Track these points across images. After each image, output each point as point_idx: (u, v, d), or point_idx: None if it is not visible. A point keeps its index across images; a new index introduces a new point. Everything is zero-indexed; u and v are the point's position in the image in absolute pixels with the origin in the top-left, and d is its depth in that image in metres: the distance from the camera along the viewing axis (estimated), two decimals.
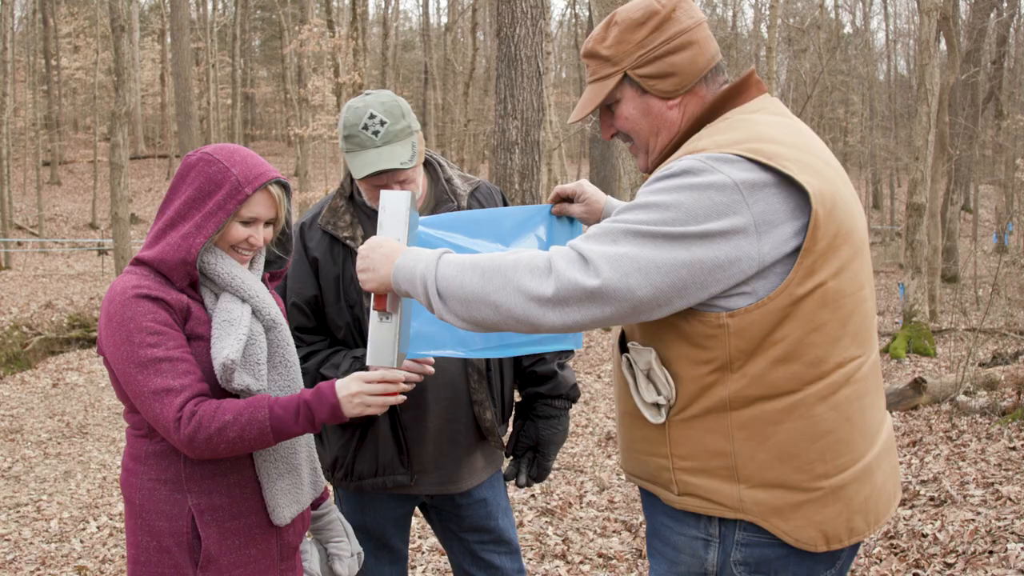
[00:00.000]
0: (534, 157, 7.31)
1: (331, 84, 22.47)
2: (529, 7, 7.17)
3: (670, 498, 1.81)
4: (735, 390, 1.69)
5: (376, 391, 2.00)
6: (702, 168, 1.64)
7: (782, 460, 1.69)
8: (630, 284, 1.58)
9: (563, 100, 34.26)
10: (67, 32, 38.83)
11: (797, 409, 1.68)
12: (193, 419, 1.91)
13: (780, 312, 1.65)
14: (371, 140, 2.37)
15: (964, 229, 27.55)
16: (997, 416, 7.01)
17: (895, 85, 39.13)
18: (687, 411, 1.74)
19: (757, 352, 1.67)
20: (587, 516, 5.51)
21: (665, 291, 1.60)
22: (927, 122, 12.60)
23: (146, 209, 33.09)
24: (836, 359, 1.69)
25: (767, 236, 1.62)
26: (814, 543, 1.72)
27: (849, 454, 1.72)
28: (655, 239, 1.60)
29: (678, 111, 1.87)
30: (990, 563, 4.08)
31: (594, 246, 1.62)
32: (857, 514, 1.74)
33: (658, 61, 1.83)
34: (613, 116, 1.93)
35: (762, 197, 1.62)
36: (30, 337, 14.91)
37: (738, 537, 1.74)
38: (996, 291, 11.57)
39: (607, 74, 1.88)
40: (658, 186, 1.66)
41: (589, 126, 19.75)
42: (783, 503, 1.70)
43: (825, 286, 1.66)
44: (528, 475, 2.72)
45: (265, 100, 50.43)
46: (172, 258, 2.02)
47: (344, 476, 2.61)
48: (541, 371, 2.71)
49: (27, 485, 7.66)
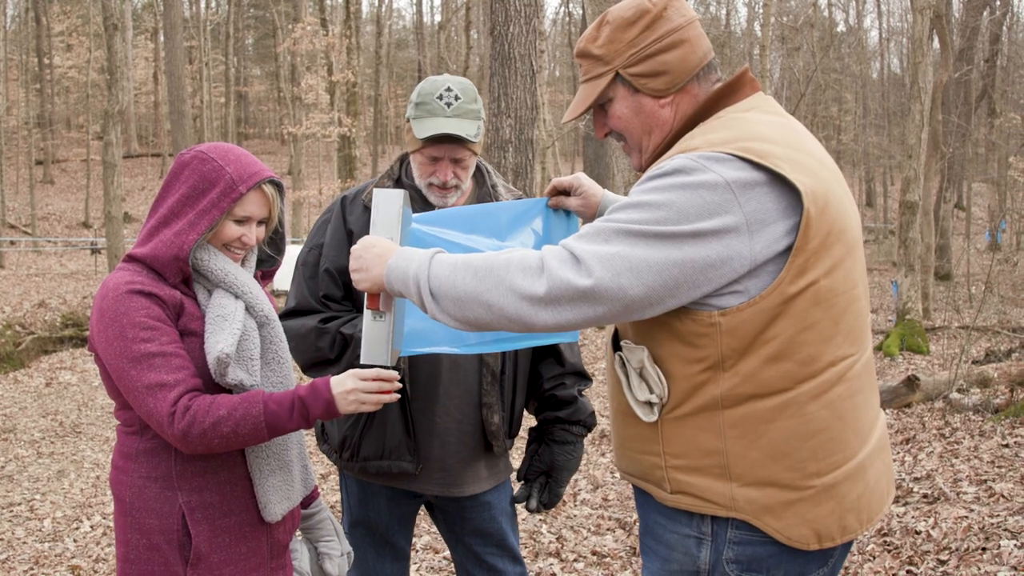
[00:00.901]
0: (528, 155, 7.31)
1: (324, 82, 22.43)
2: (523, 5, 7.16)
3: (663, 496, 1.81)
4: (727, 388, 1.69)
5: (371, 388, 2.01)
6: (694, 167, 1.64)
7: (774, 458, 1.69)
8: (622, 283, 1.59)
9: (557, 98, 34.27)
10: (60, 30, 38.69)
11: (789, 407, 1.68)
12: (187, 414, 1.91)
13: (772, 311, 1.65)
14: (443, 110, 2.46)
15: (957, 227, 27.61)
16: (990, 413, 7.03)
17: (888, 83, 39.22)
18: (679, 409, 1.74)
19: (749, 351, 1.67)
20: (581, 514, 5.51)
21: (657, 290, 1.60)
22: (920, 120, 12.62)
23: (139, 208, 33.01)
24: (828, 357, 1.69)
25: (759, 235, 1.62)
26: (806, 541, 1.71)
27: (841, 452, 1.72)
28: (647, 238, 1.60)
29: (670, 109, 1.86)
30: (983, 560, 4.09)
31: (586, 245, 1.63)
32: (850, 512, 1.74)
33: (649, 60, 1.83)
34: (606, 115, 1.93)
35: (754, 196, 1.62)
36: (23, 336, 14.87)
37: (730, 535, 1.74)
38: (989, 289, 11.61)
39: (599, 73, 1.88)
40: (650, 185, 1.67)
41: (583, 124, 19.74)
42: (775, 501, 1.70)
43: (817, 285, 1.66)
44: (539, 500, 2.71)
45: (258, 98, 50.36)
46: (165, 254, 2.02)
47: (351, 457, 2.59)
48: (561, 395, 2.70)
49: (20, 484, 7.64)
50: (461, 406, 2.59)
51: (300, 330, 2.50)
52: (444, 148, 2.48)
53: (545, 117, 18.28)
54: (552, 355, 2.75)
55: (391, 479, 2.61)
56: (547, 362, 2.75)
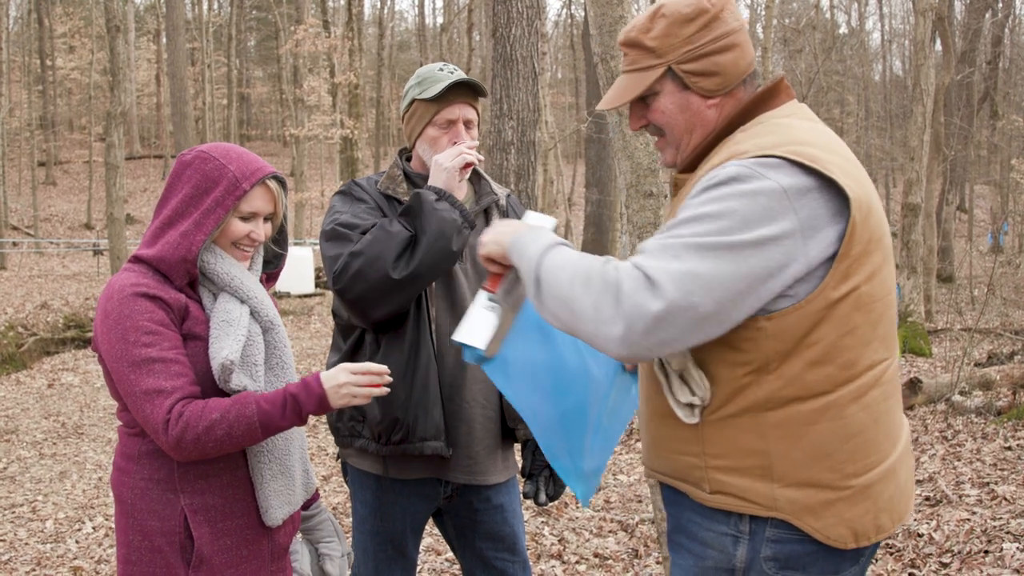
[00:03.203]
0: (530, 157, 7.30)
1: (327, 84, 22.45)
2: (525, 7, 7.16)
3: (701, 496, 1.82)
4: (771, 391, 1.71)
5: (362, 382, 2.01)
6: (749, 174, 1.66)
7: (815, 459, 1.72)
8: (693, 301, 1.59)
9: (559, 100, 34.28)
10: (62, 32, 38.76)
11: (830, 410, 1.71)
12: (180, 420, 1.90)
13: (816, 315, 1.67)
14: (448, 76, 2.59)
15: (959, 229, 27.59)
16: (992, 416, 7.02)
17: (890, 85, 39.21)
18: (721, 411, 1.76)
19: (793, 354, 1.69)
20: (583, 516, 5.51)
21: (726, 305, 1.61)
22: (922, 122, 12.62)
23: (141, 209, 33.04)
24: (867, 361, 1.73)
25: (812, 240, 1.64)
26: (844, 540, 1.74)
27: (876, 454, 1.76)
28: (715, 251, 1.61)
29: (716, 111, 1.87)
30: (985, 563, 4.08)
31: (658, 263, 1.62)
32: (883, 512, 1.77)
33: (704, 59, 1.83)
34: (647, 108, 1.92)
35: (807, 202, 1.64)
36: (25, 338, 14.87)
37: (768, 534, 1.76)
38: (991, 291, 11.60)
39: (648, 65, 1.87)
40: (708, 196, 1.68)
41: (584, 126, 19.75)
42: (815, 501, 1.72)
43: (858, 290, 1.69)
44: (546, 494, 2.73)
45: (261, 100, 50.39)
46: (172, 256, 2.01)
47: (401, 439, 2.50)
48: None
49: (22, 486, 7.64)
50: (485, 391, 2.61)
51: (371, 244, 2.41)
52: (457, 107, 2.58)
53: (547, 119, 18.27)
54: None
55: (422, 466, 2.57)
56: None
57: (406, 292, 2.43)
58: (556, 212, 22.78)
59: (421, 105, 2.62)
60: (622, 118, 3.30)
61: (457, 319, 2.56)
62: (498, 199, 2.74)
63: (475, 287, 2.63)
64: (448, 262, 2.48)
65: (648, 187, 3.29)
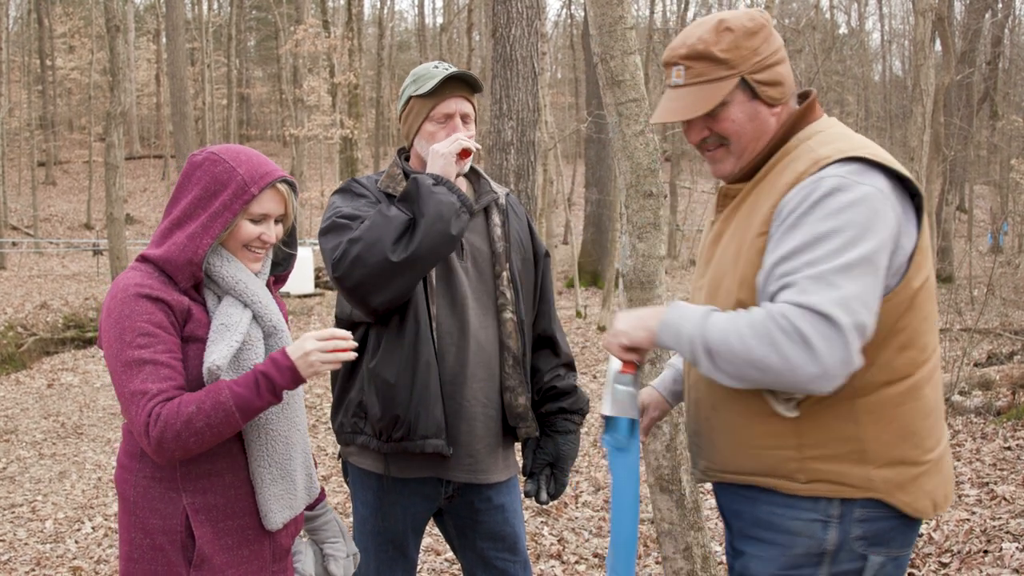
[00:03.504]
0: (530, 157, 7.30)
1: (327, 84, 22.43)
2: (525, 8, 7.15)
3: (792, 487, 1.88)
4: (865, 378, 1.80)
5: (328, 347, 1.99)
6: (847, 183, 1.76)
7: (903, 438, 1.84)
8: (861, 320, 1.70)
9: (559, 100, 34.28)
10: (62, 32, 38.76)
11: (912, 391, 1.84)
12: (159, 421, 1.90)
13: (903, 304, 1.81)
14: (442, 72, 2.59)
15: (959, 229, 27.56)
16: (992, 416, 7.02)
17: (890, 86, 39.23)
18: (820, 403, 1.84)
19: (885, 342, 1.80)
20: (582, 516, 5.51)
21: (875, 313, 1.73)
22: (922, 123, 12.61)
23: (141, 209, 33.05)
24: (933, 344, 1.89)
25: (905, 235, 1.79)
26: (926, 511, 1.87)
27: (941, 429, 1.92)
28: (858, 267, 1.72)
29: (776, 120, 1.96)
30: (985, 562, 4.09)
31: (820, 297, 1.69)
32: (948, 482, 1.94)
33: (769, 69, 1.93)
34: (714, 119, 1.96)
35: (895, 200, 1.78)
36: (25, 338, 14.87)
37: (857, 515, 1.84)
38: (991, 291, 11.59)
39: (720, 76, 1.92)
40: (819, 214, 1.76)
41: (584, 126, 19.73)
42: (904, 478, 1.84)
43: (929, 279, 1.85)
44: (548, 492, 2.74)
45: (260, 100, 50.37)
46: (179, 258, 2.02)
47: (402, 436, 2.50)
48: (561, 386, 2.75)
49: (22, 486, 7.64)
50: (486, 389, 2.60)
51: (370, 229, 2.41)
52: (453, 101, 2.60)
53: (547, 119, 18.26)
54: (548, 347, 2.80)
55: (423, 465, 2.57)
56: (543, 353, 2.79)
57: (406, 276, 2.41)
58: (556, 212, 22.76)
59: (417, 102, 2.63)
60: (622, 119, 3.29)
61: (457, 318, 2.57)
62: (498, 198, 2.74)
63: (475, 286, 2.62)
64: (447, 247, 2.46)
65: (648, 187, 3.28)
